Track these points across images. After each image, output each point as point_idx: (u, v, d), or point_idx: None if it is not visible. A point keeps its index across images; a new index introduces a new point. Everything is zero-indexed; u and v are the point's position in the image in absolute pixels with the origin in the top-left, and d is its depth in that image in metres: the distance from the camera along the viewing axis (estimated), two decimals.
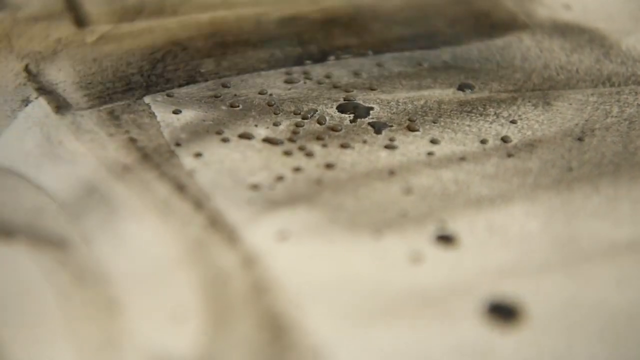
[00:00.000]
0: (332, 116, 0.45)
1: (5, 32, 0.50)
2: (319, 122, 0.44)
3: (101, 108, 0.45)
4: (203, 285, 0.35)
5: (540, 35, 0.52)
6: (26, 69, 0.48)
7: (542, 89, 0.48)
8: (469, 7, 0.55)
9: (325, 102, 0.46)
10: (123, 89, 0.47)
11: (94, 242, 0.37)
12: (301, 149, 0.43)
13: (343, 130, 0.44)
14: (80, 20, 0.52)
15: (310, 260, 0.37)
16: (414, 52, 0.50)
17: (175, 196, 0.39)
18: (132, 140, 0.43)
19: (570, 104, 0.46)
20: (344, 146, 0.43)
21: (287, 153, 0.42)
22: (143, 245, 0.37)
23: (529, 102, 0.47)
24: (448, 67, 0.49)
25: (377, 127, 0.44)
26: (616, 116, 0.45)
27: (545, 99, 0.47)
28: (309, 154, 0.42)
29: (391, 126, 0.44)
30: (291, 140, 0.43)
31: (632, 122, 0.45)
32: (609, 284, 0.36)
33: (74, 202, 0.39)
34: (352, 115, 0.45)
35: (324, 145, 0.43)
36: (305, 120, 0.45)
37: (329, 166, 0.42)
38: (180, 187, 0.40)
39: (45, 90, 0.46)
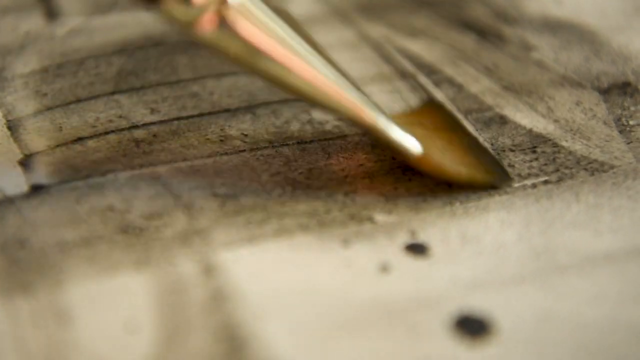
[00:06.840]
0: (311, 121, 0.43)
1: None
2: (298, 127, 0.43)
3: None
4: (159, 293, 0.34)
5: (529, 31, 0.50)
6: None
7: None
8: None
9: (304, 107, 0.44)
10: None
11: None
12: (278, 153, 0.41)
13: (322, 135, 0.42)
14: (51, 12, 0.51)
15: (274, 269, 0.35)
16: None
17: None
18: None
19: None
20: (321, 150, 0.41)
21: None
22: None
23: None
24: None
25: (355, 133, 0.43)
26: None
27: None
28: (288, 159, 0.41)
29: None
30: (268, 145, 0.42)
31: None
32: (585, 298, 0.34)
33: (24, 200, 0.38)
34: (332, 121, 0.44)
35: (302, 150, 0.41)
36: (284, 125, 0.43)
37: (305, 171, 0.40)
38: None
39: None
